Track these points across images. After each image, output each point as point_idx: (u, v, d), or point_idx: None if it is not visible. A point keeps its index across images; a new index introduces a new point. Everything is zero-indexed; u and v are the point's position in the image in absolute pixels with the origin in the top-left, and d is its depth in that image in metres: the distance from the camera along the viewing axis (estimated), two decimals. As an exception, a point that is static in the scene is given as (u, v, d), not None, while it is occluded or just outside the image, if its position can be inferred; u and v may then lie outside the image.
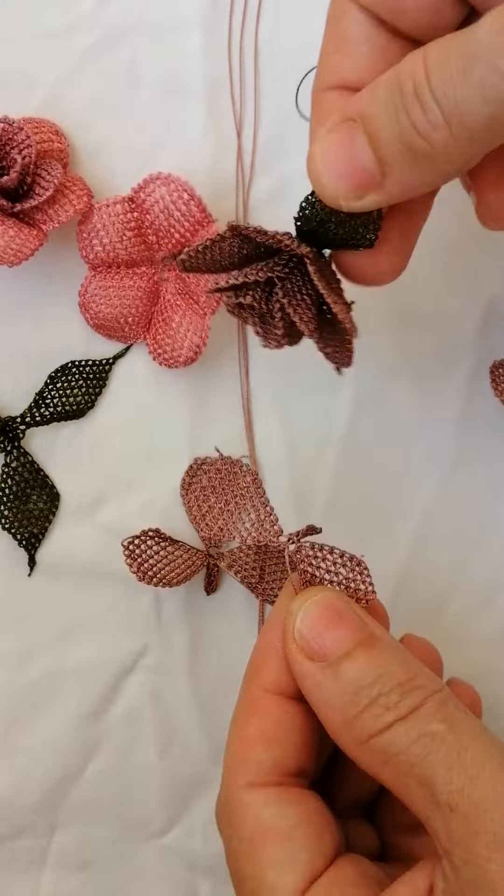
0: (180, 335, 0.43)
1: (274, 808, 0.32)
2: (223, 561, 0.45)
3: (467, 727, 0.29)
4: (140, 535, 0.44)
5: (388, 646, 0.31)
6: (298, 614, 0.32)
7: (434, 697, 0.29)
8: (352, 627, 0.31)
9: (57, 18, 0.44)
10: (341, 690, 0.30)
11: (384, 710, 0.29)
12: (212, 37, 0.44)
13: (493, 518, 0.47)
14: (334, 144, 0.29)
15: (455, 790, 0.28)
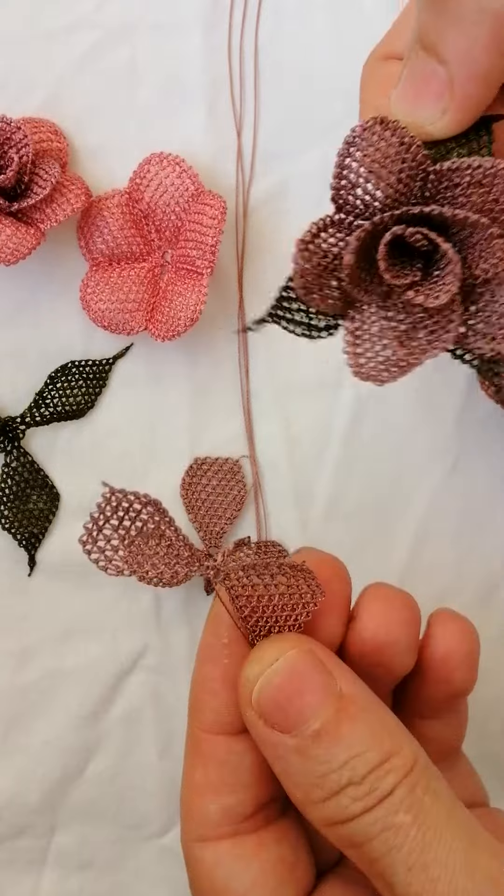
0: (179, 305, 0.43)
1: (227, 868, 0.29)
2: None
3: (433, 816, 0.26)
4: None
5: (360, 712, 0.27)
6: (256, 685, 0.27)
7: (405, 781, 0.26)
8: (318, 695, 0.27)
9: (57, 18, 0.44)
10: (306, 771, 0.27)
11: (351, 802, 0.26)
12: (212, 37, 0.44)
13: (493, 517, 0.47)
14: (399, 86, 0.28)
15: (414, 893, 0.25)
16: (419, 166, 0.27)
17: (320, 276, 0.28)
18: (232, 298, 0.45)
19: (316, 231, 0.27)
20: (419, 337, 0.28)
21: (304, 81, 0.44)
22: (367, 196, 0.27)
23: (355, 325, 0.28)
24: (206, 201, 0.42)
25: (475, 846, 0.26)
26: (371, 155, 0.27)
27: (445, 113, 0.27)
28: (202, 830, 0.30)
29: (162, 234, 0.44)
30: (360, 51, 0.44)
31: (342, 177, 0.27)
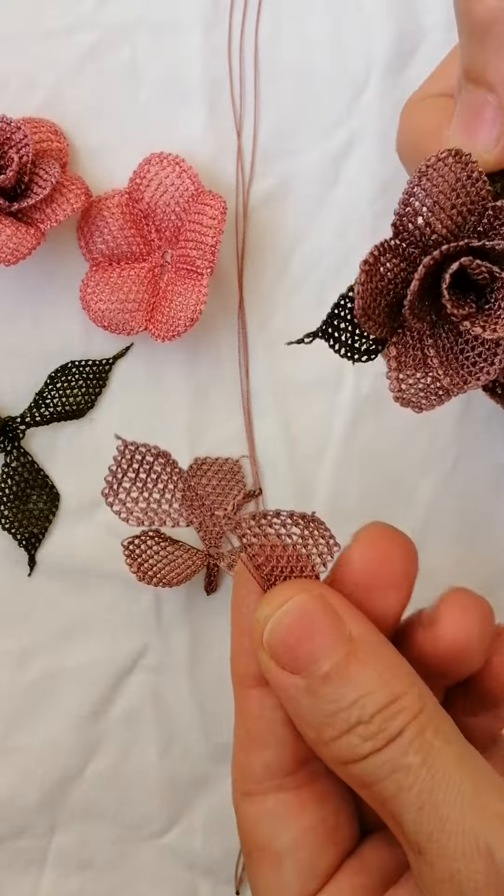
0: (179, 305, 0.43)
1: (268, 824, 0.30)
2: (223, 561, 0.45)
3: (443, 759, 0.26)
4: (140, 534, 0.44)
5: (370, 655, 0.28)
6: (267, 626, 0.28)
7: (413, 724, 0.27)
8: (328, 637, 0.28)
9: (57, 18, 0.44)
10: (316, 710, 0.27)
11: (361, 741, 0.27)
12: (212, 37, 0.44)
13: (493, 517, 0.47)
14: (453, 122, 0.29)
15: (423, 832, 0.26)
16: (481, 201, 0.28)
17: (376, 299, 0.28)
18: (232, 298, 0.45)
19: (378, 254, 0.28)
20: (462, 367, 0.29)
21: (304, 81, 0.44)
22: (427, 226, 0.28)
23: (399, 351, 0.29)
24: (206, 201, 0.42)
25: (485, 788, 0.26)
26: (439, 185, 0.27)
27: (500, 139, 0.28)
28: (247, 786, 0.31)
29: (162, 234, 0.44)
30: (360, 51, 0.44)
31: (408, 203, 0.28)
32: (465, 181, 0.27)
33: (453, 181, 0.27)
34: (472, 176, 0.27)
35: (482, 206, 0.28)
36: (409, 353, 0.29)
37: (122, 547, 0.44)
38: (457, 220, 0.28)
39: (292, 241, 0.45)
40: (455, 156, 0.27)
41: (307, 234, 0.45)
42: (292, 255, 0.45)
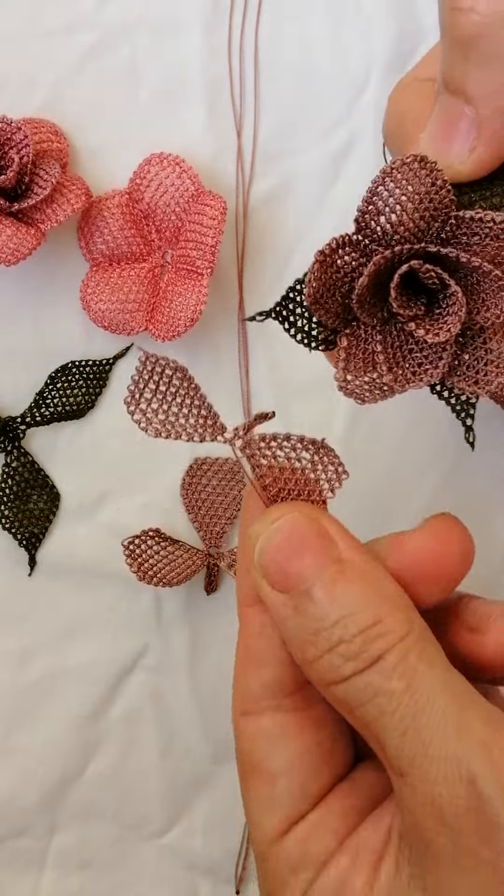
0: (180, 305, 0.43)
1: (264, 744, 0.30)
2: (223, 561, 0.46)
3: (427, 684, 0.26)
4: (140, 534, 0.44)
5: (357, 576, 0.28)
6: (259, 542, 0.28)
7: (397, 648, 0.27)
8: (316, 555, 0.28)
9: (57, 18, 0.44)
10: (301, 629, 0.28)
11: (343, 661, 0.27)
12: (212, 37, 0.44)
13: (492, 517, 0.47)
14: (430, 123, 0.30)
15: (405, 757, 0.26)
16: (444, 209, 0.28)
17: (329, 289, 0.29)
18: (232, 299, 0.45)
19: (335, 246, 0.28)
20: (408, 367, 0.29)
21: (304, 81, 0.44)
22: (389, 226, 0.28)
23: (349, 343, 0.30)
24: (206, 201, 0.42)
25: (470, 713, 0.26)
26: (403, 189, 0.28)
27: (473, 150, 0.28)
28: (246, 704, 0.31)
29: (162, 235, 0.44)
30: (359, 51, 0.44)
31: (371, 202, 0.28)
32: (430, 187, 0.28)
33: (417, 186, 0.28)
34: (436, 183, 0.28)
35: (446, 214, 0.28)
36: (359, 346, 0.30)
37: (123, 547, 0.44)
38: (419, 223, 0.28)
39: (292, 241, 0.45)
40: (421, 161, 0.27)
41: (307, 234, 0.45)
42: (292, 255, 0.45)
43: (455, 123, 0.29)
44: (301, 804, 0.30)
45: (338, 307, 0.29)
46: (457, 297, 0.28)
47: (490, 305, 0.28)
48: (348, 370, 0.30)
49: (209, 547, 0.46)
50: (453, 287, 0.28)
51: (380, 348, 0.29)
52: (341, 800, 0.30)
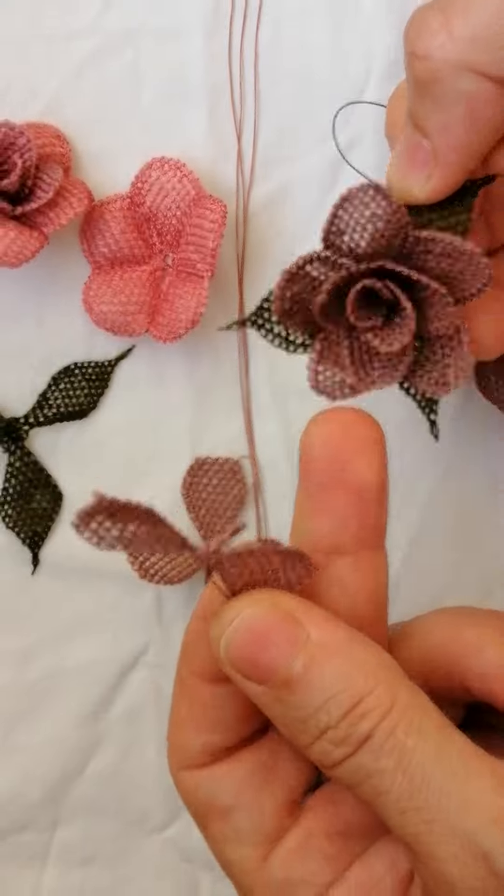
0: (181, 307, 0.43)
1: (206, 789, 0.30)
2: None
3: (418, 759, 0.25)
4: None
5: (332, 655, 0.27)
6: (221, 644, 0.27)
7: (382, 725, 0.26)
8: (283, 646, 0.27)
9: (59, 24, 0.44)
10: (288, 718, 0.27)
11: (333, 747, 0.26)
12: (212, 42, 0.44)
13: (489, 518, 0.47)
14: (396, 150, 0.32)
15: (409, 835, 0.25)
16: (401, 228, 0.31)
17: (301, 300, 0.32)
18: (232, 301, 0.46)
19: (302, 263, 0.32)
20: (372, 370, 0.32)
21: (305, 86, 0.45)
22: (353, 244, 0.31)
23: (322, 346, 0.32)
24: (206, 205, 0.42)
25: (473, 783, 0.25)
26: (361, 212, 0.31)
27: (430, 179, 0.31)
28: (184, 761, 0.30)
29: (163, 238, 0.44)
30: (359, 56, 0.45)
31: (333, 223, 0.31)
32: (386, 210, 0.30)
33: (373, 210, 0.30)
34: (391, 207, 0.30)
35: (404, 233, 0.31)
36: (331, 349, 0.32)
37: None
38: (380, 241, 0.31)
39: (292, 245, 0.45)
40: (375, 189, 0.30)
41: (307, 238, 0.45)
42: (292, 257, 0.45)
43: (415, 153, 0.31)
44: (267, 826, 0.29)
45: (310, 316, 0.32)
46: (406, 312, 0.31)
47: (439, 318, 0.31)
48: (319, 371, 0.32)
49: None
50: (403, 303, 0.31)
51: (346, 353, 0.32)
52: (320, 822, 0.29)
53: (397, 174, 0.32)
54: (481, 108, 0.30)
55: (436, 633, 0.32)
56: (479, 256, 0.30)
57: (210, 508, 0.46)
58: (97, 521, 0.26)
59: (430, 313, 0.31)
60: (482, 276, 0.31)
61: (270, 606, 0.27)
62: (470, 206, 0.32)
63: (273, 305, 0.32)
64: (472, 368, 0.45)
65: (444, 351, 0.32)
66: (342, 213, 0.31)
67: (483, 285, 0.31)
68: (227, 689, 0.30)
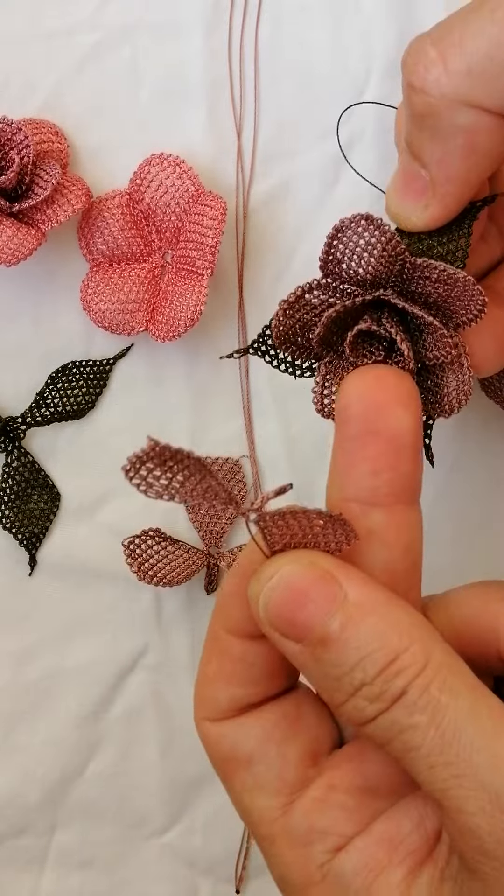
0: (180, 305, 0.43)
1: (230, 739, 0.30)
2: (223, 560, 0.46)
3: (451, 715, 0.26)
4: (140, 534, 0.44)
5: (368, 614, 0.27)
6: (259, 601, 0.28)
7: (416, 682, 0.26)
8: (321, 604, 0.27)
9: (57, 19, 0.44)
10: (323, 676, 0.28)
11: (367, 703, 0.27)
12: (212, 38, 0.44)
13: (492, 518, 0.47)
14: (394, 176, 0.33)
15: (438, 790, 0.26)
16: (398, 256, 0.32)
17: (301, 328, 0.33)
18: (232, 299, 0.45)
19: (300, 293, 0.33)
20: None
21: (304, 82, 0.44)
22: (351, 271, 0.32)
23: (327, 370, 0.33)
24: (206, 202, 0.42)
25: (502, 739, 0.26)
26: (355, 241, 0.31)
27: (427, 208, 0.32)
28: (211, 713, 0.31)
29: (162, 235, 0.44)
30: (359, 52, 0.44)
31: (330, 253, 0.32)
32: (380, 239, 0.31)
33: (367, 240, 0.31)
34: (385, 236, 0.31)
35: (402, 260, 0.32)
36: (336, 373, 0.33)
37: (123, 546, 0.44)
38: (378, 269, 0.32)
39: (292, 242, 0.45)
40: (367, 220, 0.31)
41: (307, 235, 0.45)
42: (293, 255, 0.45)
43: (412, 182, 0.32)
44: (289, 776, 0.30)
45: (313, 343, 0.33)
46: (402, 350, 0.32)
47: (436, 347, 0.32)
48: (325, 395, 0.33)
49: (209, 547, 0.46)
50: (400, 344, 0.32)
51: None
52: (344, 777, 0.30)
53: (395, 202, 0.33)
54: (479, 140, 0.30)
55: (468, 605, 0.33)
56: (472, 285, 0.31)
57: (210, 508, 0.46)
58: (147, 468, 0.26)
59: (428, 342, 0.32)
60: (476, 304, 0.31)
61: (309, 565, 0.28)
62: (469, 231, 0.33)
63: (273, 334, 0.33)
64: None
65: (445, 377, 0.33)
66: (337, 242, 0.32)
67: (478, 312, 0.32)
68: (259, 646, 0.30)
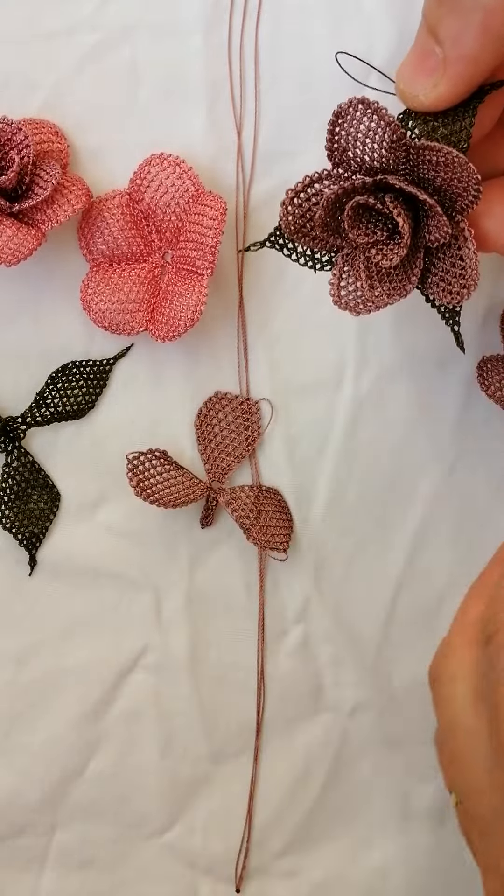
0: (180, 305, 0.43)
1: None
2: (223, 496, 0.45)
3: None
4: (146, 452, 0.44)
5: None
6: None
7: None
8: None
9: (57, 19, 0.44)
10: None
11: None
12: (212, 38, 0.44)
13: (492, 518, 0.47)
14: (408, 55, 0.33)
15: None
16: (399, 140, 0.32)
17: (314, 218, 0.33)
18: (232, 299, 0.45)
19: (308, 182, 0.33)
20: (386, 284, 0.34)
21: (305, 81, 0.44)
22: (358, 158, 0.32)
23: (343, 261, 0.34)
24: (206, 202, 0.42)
25: None
26: (356, 127, 0.32)
27: (436, 87, 0.32)
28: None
29: (162, 235, 0.44)
30: (360, 52, 0.44)
31: (334, 141, 0.33)
32: (379, 124, 0.32)
33: (367, 125, 0.32)
34: (384, 120, 0.32)
35: (405, 146, 0.32)
36: (352, 264, 0.34)
37: (126, 461, 0.44)
38: (382, 153, 0.32)
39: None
40: (363, 104, 0.32)
41: (307, 235, 0.45)
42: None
43: (425, 59, 0.32)
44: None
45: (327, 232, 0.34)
46: (399, 228, 0.32)
47: (437, 229, 0.32)
48: (341, 287, 0.34)
49: (212, 480, 0.46)
50: (396, 218, 0.32)
51: (363, 268, 0.33)
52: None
53: (406, 79, 0.32)
54: (498, 19, 0.30)
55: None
56: (468, 166, 0.31)
57: (220, 443, 0.46)
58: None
59: (431, 224, 0.33)
60: (472, 186, 0.31)
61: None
62: (474, 112, 0.33)
63: (282, 225, 0.33)
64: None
65: (450, 261, 0.33)
66: (339, 129, 0.32)
67: (474, 196, 0.32)
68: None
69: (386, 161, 0.32)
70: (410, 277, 0.34)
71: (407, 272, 0.34)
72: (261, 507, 0.45)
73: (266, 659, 0.48)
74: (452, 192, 0.32)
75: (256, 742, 0.48)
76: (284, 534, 0.46)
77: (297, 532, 0.47)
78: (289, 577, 0.47)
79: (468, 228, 0.33)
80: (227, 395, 0.46)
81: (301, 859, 0.48)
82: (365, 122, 0.32)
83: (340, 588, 0.47)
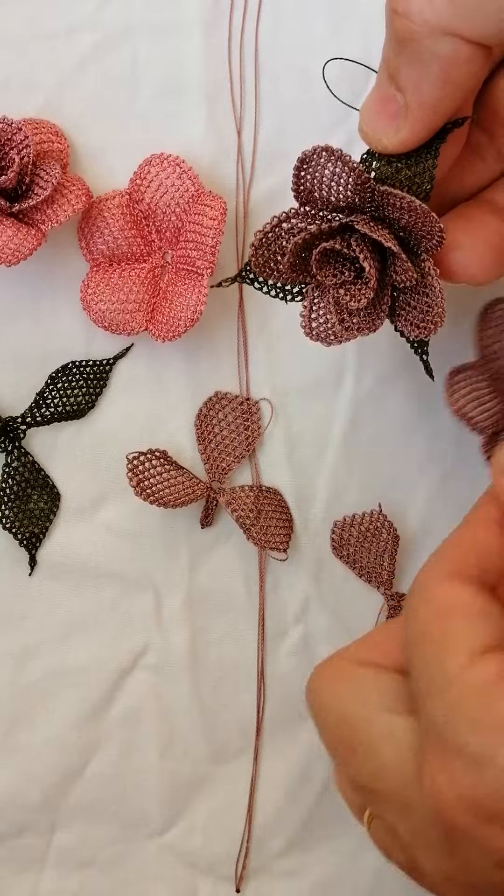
0: (180, 305, 0.43)
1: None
2: (223, 496, 0.45)
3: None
4: (147, 452, 0.44)
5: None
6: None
7: None
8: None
9: (58, 19, 0.44)
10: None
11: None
12: (212, 38, 0.44)
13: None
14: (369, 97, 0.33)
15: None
16: (364, 184, 0.33)
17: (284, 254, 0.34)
18: (232, 299, 0.45)
19: (276, 223, 0.34)
20: (354, 318, 0.35)
21: (304, 81, 0.44)
22: (324, 198, 0.33)
23: (314, 295, 0.35)
24: (206, 202, 0.42)
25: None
26: (321, 172, 0.33)
27: (399, 132, 0.32)
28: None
29: (162, 235, 0.44)
30: (359, 52, 0.44)
31: (300, 184, 0.33)
32: (343, 169, 0.32)
33: (331, 170, 0.32)
34: (346, 166, 0.32)
35: (369, 188, 0.33)
36: (323, 297, 0.35)
37: (126, 461, 0.44)
38: (347, 195, 0.33)
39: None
40: (327, 151, 0.32)
41: (307, 235, 0.45)
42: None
43: (387, 104, 0.32)
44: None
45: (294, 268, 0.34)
46: (367, 272, 0.33)
47: (402, 271, 0.33)
48: (312, 319, 0.35)
49: (212, 480, 0.46)
50: (362, 262, 0.33)
51: (332, 303, 0.34)
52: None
53: (369, 122, 0.33)
54: (455, 69, 0.31)
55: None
56: (430, 215, 0.32)
57: (220, 443, 0.46)
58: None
59: (397, 265, 0.33)
60: (435, 235, 0.32)
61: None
62: (436, 153, 0.33)
63: (252, 262, 0.34)
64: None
65: (417, 297, 0.34)
66: (304, 174, 0.33)
67: (438, 241, 0.33)
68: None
69: (352, 200, 0.33)
70: (379, 314, 0.35)
71: (376, 309, 0.35)
72: (261, 507, 0.45)
73: (266, 659, 0.48)
74: (417, 233, 0.33)
75: (256, 742, 0.48)
76: (284, 534, 0.46)
77: (297, 532, 0.47)
78: (289, 577, 0.47)
79: (433, 268, 0.33)
80: (227, 395, 0.46)
81: (301, 859, 0.48)
82: (329, 167, 0.32)
83: (340, 588, 0.47)
